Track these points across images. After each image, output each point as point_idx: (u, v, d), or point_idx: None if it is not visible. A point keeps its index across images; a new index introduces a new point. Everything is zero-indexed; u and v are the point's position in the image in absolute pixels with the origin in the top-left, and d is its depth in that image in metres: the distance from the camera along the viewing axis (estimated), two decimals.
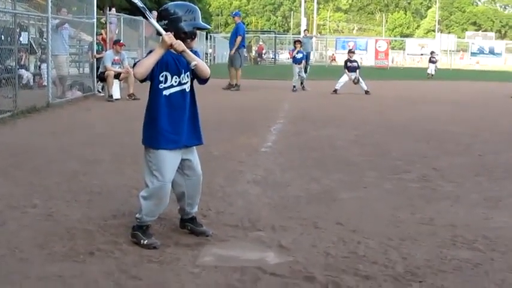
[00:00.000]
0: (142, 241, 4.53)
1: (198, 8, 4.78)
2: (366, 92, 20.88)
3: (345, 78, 21.35)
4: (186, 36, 4.58)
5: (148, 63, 4.47)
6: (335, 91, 20.91)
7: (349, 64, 21.59)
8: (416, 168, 7.85)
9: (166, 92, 4.65)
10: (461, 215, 5.60)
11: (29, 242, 4.57)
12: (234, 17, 24.11)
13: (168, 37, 4.37)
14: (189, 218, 4.89)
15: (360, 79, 21.28)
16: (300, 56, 22.93)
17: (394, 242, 4.74)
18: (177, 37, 4.47)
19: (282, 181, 6.97)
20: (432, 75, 38.15)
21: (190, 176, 4.73)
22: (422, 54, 62.53)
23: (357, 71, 21.29)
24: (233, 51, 21.64)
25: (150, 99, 4.78)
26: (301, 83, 22.79)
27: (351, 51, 23.08)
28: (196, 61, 4.50)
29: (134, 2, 4.56)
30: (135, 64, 4.69)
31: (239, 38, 21.59)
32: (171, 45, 4.36)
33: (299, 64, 22.64)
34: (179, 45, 4.38)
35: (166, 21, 4.57)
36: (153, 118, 4.70)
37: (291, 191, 6.49)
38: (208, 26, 5.57)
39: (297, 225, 5.15)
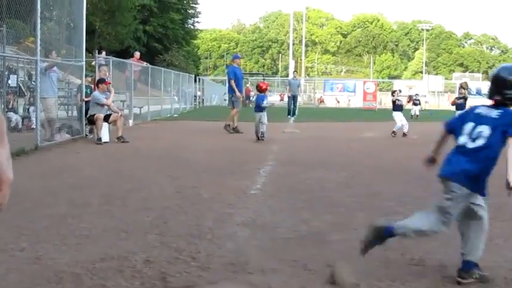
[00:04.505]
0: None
1: None
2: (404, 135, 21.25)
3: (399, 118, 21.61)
4: None
5: None
6: (404, 135, 21.25)
7: (397, 103, 22.02)
8: (407, 209, 7.82)
9: None
10: (451, 255, 5.59)
11: (16, 286, 4.53)
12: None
13: None
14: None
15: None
16: (265, 103, 18.27)
17: (384, 283, 4.72)
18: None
19: (271, 223, 6.95)
20: (417, 115, 38.65)
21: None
22: (410, 95, 62.98)
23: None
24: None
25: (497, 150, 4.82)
26: (261, 133, 17.85)
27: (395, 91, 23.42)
28: None
29: None
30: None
31: (231, 82, 21.33)
32: None
33: (260, 112, 17.84)
34: None
35: None
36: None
37: (281, 233, 6.47)
38: None
39: (286, 267, 5.13)
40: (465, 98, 21.99)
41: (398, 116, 21.54)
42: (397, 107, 22.01)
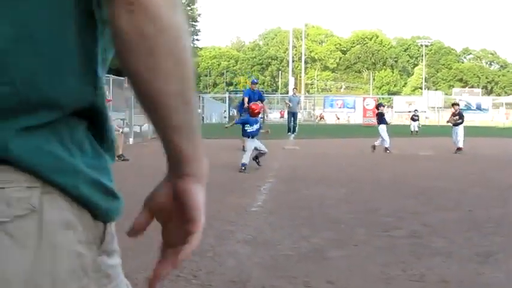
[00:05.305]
0: None
1: None
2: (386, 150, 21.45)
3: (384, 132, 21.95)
4: None
5: None
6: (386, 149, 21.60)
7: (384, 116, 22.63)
8: (407, 225, 7.84)
9: None
10: (453, 270, 5.59)
11: None
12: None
13: None
14: None
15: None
16: (253, 128, 15.16)
17: None
18: None
19: (272, 240, 6.95)
20: (417, 131, 38.92)
21: None
22: (409, 112, 63.28)
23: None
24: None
25: None
26: (257, 158, 15.29)
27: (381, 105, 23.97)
28: None
29: None
30: None
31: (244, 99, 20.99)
32: None
33: (252, 137, 15.02)
34: None
35: None
36: None
37: (281, 250, 6.46)
38: None
39: (287, 284, 5.12)
40: (459, 115, 22.28)
41: (384, 130, 21.82)
42: (384, 120, 22.27)
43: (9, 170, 1.07)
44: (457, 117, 22.17)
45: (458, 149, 21.47)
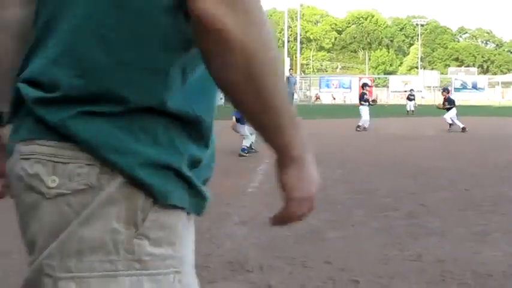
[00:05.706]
0: None
1: None
2: (357, 127, 21.70)
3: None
4: None
5: None
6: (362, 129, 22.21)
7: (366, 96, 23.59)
8: (404, 205, 7.85)
9: None
10: (450, 250, 5.60)
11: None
12: None
13: None
14: None
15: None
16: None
17: (383, 279, 4.72)
18: None
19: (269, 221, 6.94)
20: (413, 111, 38.97)
21: None
22: (405, 91, 63.35)
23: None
24: None
25: None
26: (250, 147, 14.51)
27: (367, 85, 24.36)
28: None
29: None
30: None
31: None
32: None
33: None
34: None
35: None
36: None
37: (278, 231, 6.45)
38: None
39: (285, 265, 5.13)
40: (448, 101, 22.58)
41: (366, 110, 22.91)
42: (366, 100, 23.32)
43: (71, 147, 1.19)
44: (446, 102, 22.51)
45: (463, 128, 21.73)
